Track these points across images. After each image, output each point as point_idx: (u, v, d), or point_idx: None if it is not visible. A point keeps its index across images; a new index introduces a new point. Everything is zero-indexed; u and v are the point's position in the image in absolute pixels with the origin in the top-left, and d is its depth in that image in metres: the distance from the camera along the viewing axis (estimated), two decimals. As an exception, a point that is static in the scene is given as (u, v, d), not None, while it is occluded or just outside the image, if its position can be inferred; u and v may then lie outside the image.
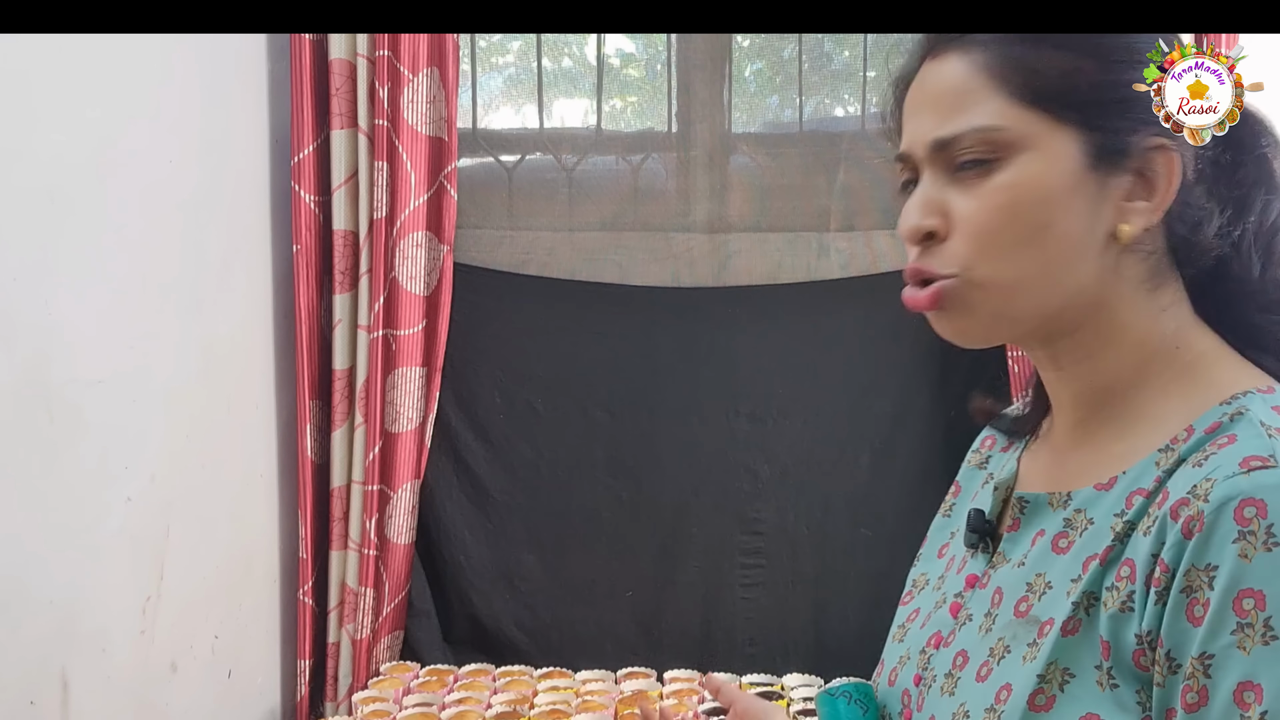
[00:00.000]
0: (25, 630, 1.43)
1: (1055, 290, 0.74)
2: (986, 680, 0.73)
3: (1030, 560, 0.77)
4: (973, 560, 0.83)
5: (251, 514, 2.05)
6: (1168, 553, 0.65)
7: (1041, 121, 0.73)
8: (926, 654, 0.82)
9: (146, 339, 1.70)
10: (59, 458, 1.50)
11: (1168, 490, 0.69)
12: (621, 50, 2.34)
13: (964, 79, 0.75)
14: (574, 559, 2.23)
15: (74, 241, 1.53)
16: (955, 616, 0.81)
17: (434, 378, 2.17)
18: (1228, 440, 0.68)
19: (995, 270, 0.74)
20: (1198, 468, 0.68)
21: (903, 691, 0.82)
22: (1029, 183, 0.73)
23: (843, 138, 2.25)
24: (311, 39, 2.07)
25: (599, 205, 2.27)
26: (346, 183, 2.10)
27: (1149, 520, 0.69)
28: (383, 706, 1.91)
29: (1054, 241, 0.73)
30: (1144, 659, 0.67)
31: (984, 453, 0.94)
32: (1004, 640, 0.74)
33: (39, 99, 1.46)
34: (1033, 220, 0.73)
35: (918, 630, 0.85)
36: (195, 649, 1.84)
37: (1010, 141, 0.73)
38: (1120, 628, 0.68)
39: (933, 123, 0.76)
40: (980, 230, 0.74)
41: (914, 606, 0.89)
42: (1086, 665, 0.69)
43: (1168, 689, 0.65)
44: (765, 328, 2.20)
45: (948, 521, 0.93)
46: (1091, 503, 0.74)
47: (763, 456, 2.20)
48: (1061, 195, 0.73)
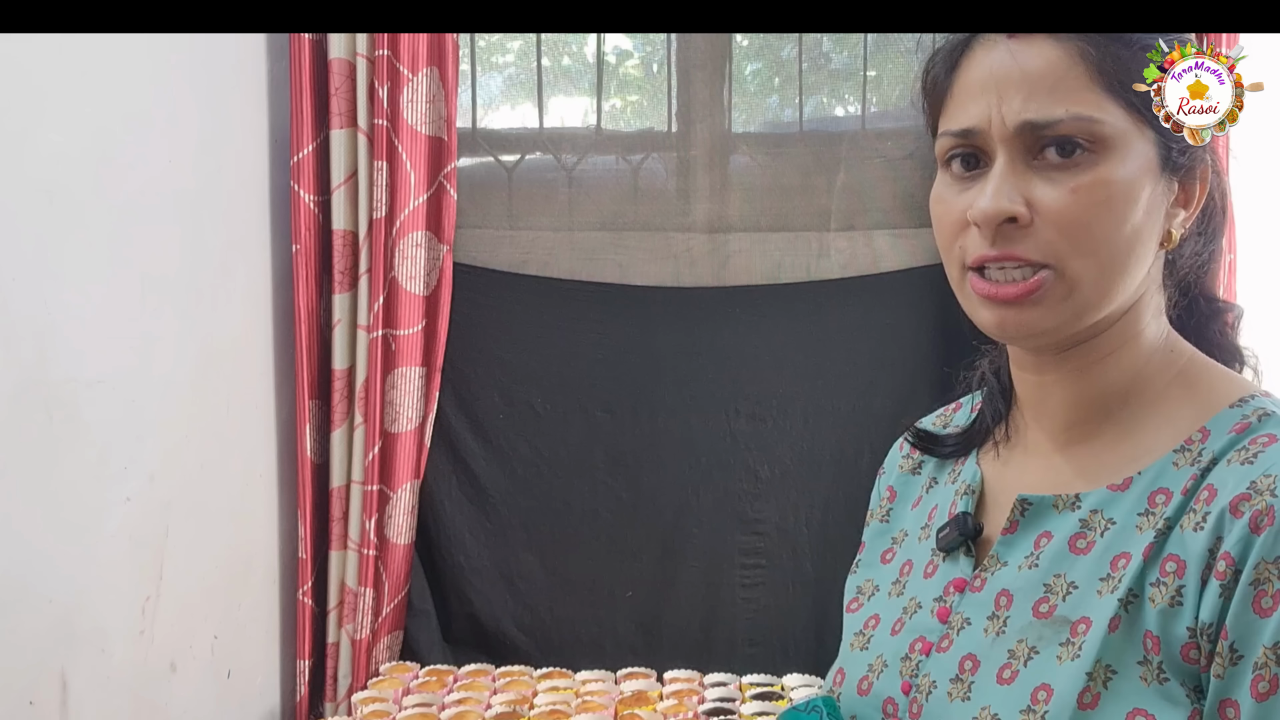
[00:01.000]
0: (24, 630, 1.43)
1: (1127, 289, 0.75)
2: (1014, 682, 0.73)
3: (1044, 562, 0.76)
4: (950, 565, 0.82)
5: (251, 514, 2.05)
6: (1234, 547, 0.66)
7: (1130, 120, 0.73)
8: (912, 661, 0.80)
9: (146, 339, 1.70)
10: (58, 457, 1.50)
11: (1213, 487, 0.70)
12: (621, 50, 2.34)
13: (1061, 65, 0.73)
14: (574, 559, 2.23)
15: (73, 241, 1.52)
16: (946, 621, 0.80)
17: (434, 378, 2.16)
18: (1269, 439, 0.70)
19: (1086, 265, 0.72)
20: (1248, 465, 0.69)
21: (884, 700, 0.81)
22: (1122, 180, 0.72)
23: (843, 138, 2.25)
24: (311, 39, 2.07)
25: (599, 205, 2.27)
26: (346, 182, 2.10)
27: (1195, 516, 0.70)
28: (382, 707, 1.91)
29: (1136, 241, 0.73)
30: (1193, 653, 0.68)
31: (915, 457, 0.94)
32: (1026, 641, 0.74)
33: (39, 99, 1.46)
34: (1121, 218, 0.72)
35: (888, 638, 0.84)
36: (194, 649, 1.84)
37: (1106, 136, 0.72)
38: (1170, 622, 0.69)
39: (1022, 103, 0.72)
40: (1074, 222, 0.72)
41: (869, 613, 0.87)
42: (1129, 662, 0.69)
43: (1228, 680, 0.66)
44: (765, 328, 2.20)
45: (886, 527, 0.93)
46: (1108, 504, 0.75)
47: (763, 456, 2.19)
48: (1144, 196, 0.73)
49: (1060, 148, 0.72)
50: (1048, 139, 0.72)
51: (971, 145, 0.76)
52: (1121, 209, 0.72)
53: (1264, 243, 2.05)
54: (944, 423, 0.95)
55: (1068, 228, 0.72)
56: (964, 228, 0.76)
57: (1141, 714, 0.68)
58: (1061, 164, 0.72)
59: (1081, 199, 0.72)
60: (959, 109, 0.77)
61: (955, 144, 0.77)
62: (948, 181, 0.78)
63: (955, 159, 0.77)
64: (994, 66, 0.74)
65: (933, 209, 0.80)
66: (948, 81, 0.78)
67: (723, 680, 2.04)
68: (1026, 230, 0.73)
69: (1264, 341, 2.22)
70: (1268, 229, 2.06)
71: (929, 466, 0.93)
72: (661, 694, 1.97)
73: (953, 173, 0.78)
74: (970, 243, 0.75)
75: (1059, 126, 0.72)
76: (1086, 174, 0.72)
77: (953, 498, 0.87)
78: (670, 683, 2.03)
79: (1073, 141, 0.72)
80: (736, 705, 1.93)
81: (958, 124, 0.76)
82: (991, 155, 0.75)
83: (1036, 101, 0.72)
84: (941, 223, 0.78)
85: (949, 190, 0.78)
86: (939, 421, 0.96)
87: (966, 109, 0.76)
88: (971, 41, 0.77)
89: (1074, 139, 0.72)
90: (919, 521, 0.90)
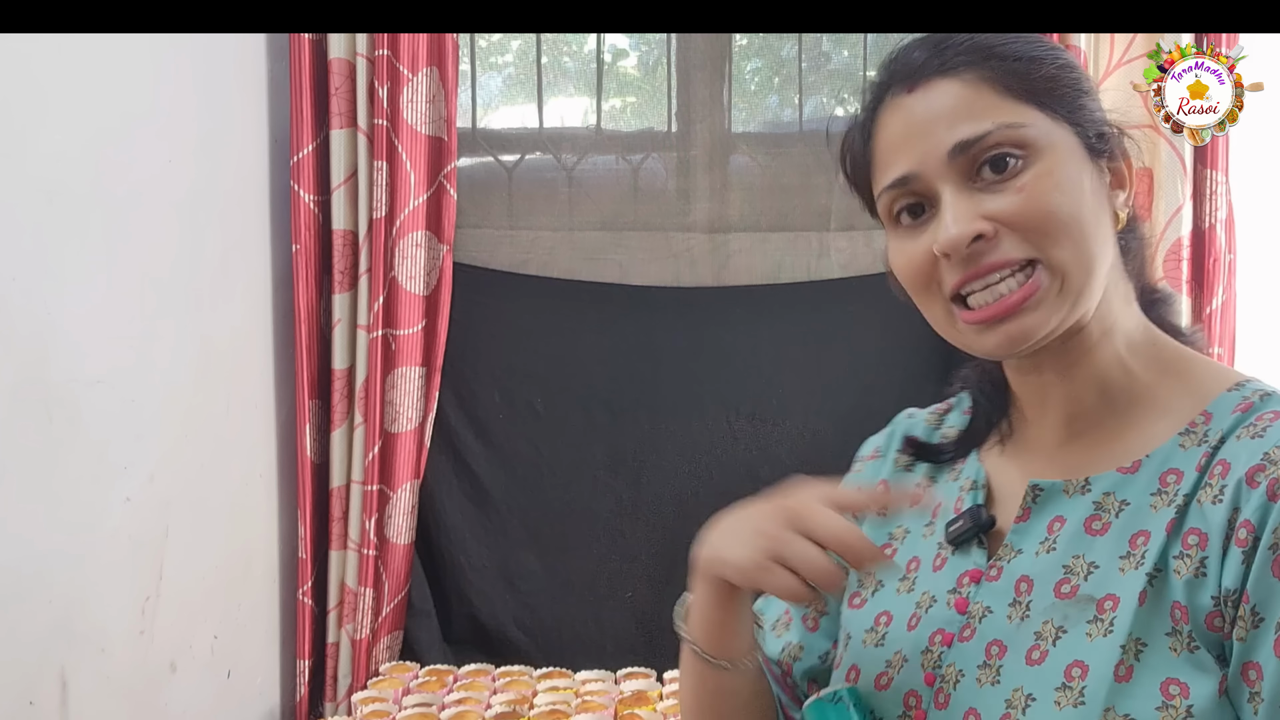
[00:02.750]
0: (24, 630, 1.43)
1: (1103, 270, 0.78)
2: (1044, 662, 0.75)
3: (1061, 545, 0.78)
4: (961, 558, 0.84)
5: (251, 514, 2.05)
6: (1253, 515, 0.69)
7: (1046, 119, 0.77)
8: (934, 653, 0.81)
9: (146, 339, 1.70)
10: (58, 457, 1.50)
11: (1226, 461, 0.73)
12: (621, 50, 2.34)
13: (968, 93, 0.77)
14: (574, 559, 2.23)
15: (73, 241, 1.52)
16: (965, 612, 0.81)
17: (433, 377, 2.16)
18: (1274, 416, 0.74)
19: (1065, 249, 0.75)
20: (1258, 439, 0.73)
21: (906, 694, 0.82)
22: (1058, 172, 0.76)
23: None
24: (311, 39, 2.07)
25: (599, 205, 2.27)
26: (346, 182, 2.10)
27: (1212, 490, 0.73)
28: (382, 707, 1.91)
29: (1095, 221, 0.77)
30: (1217, 621, 0.70)
31: (908, 456, 0.95)
32: (1052, 622, 0.76)
33: (38, 99, 1.46)
34: (1075, 199, 0.76)
35: (905, 633, 0.84)
36: (194, 649, 1.84)
37: (1032, 139, 0.76)
38: (1195, 593, 0.71)
39: (947, 132, 0.76)
40: (1037, 213, 0.75)
41: (878, 610, 0.88)
42: (1157, 633, 0.72)
43: (1250, 643, 0.69)
44: (765, 328, 2.20)
45: (884, 522, 0.94)
46: (1120, 486, 0.78)
47: (763, 456, 2.19)
48: (1084, 182, 0.77)
49: (994, 164, 0.76)
50: (981, 156, 0.76)
51: (913, 192, 0.79)
52: (1072, 192, 0.76)
53: (1264, 243, 2.05)
54: (936, 423, 0.96)
55: (1033, 219, 0.75)
56: (933, 267, 0.78)
57: (1175, 683, 0.70)
58: (999, 178, 0.76)
59: (1033, 193, 0.75)
60: (888, 165, 0.80)
61: (897, 195, 0.80)
62: (900, 236, 0.81)
63: (902, 213, 0.80)
64: (908, 117, 0.79)
65: (895, 266, 0.82)
66: (868, 150, 0.82)
67: (723, 680, 2.04)
68: (995, 241, 0.75)
69: (1264, 341, 2.22)
70: (1268, 229, 2.06)
71: (924, 466, 0.94)
72: (661, 694, 1.97)
73: (902, 227, 0.80)
74: (945, 276, 0.78)
75: (989, 138, 0.75)
76: (1026, 174, 0.75)
77: (958, 494, 0.88)
78: (670, 683, 2.03)
79: (1003, 154, 0.75)
80: (736, 705, 1.92)
81: (892, 176, 0.79)
82: (934, 195, 0.78)
83: (960, 125, 0.76)
84: (908, 272, 0.81)
85: (905, 242, 0.80)
86: (931, 420, 0.97)
87: (896, 161, 0.79)
88: (877, 108, 0.81)
89: (1004, 150, 0.75)
90: (922, 519, 0.90)
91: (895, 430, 0.99)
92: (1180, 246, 1.97)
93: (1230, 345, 2.00)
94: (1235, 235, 1.98)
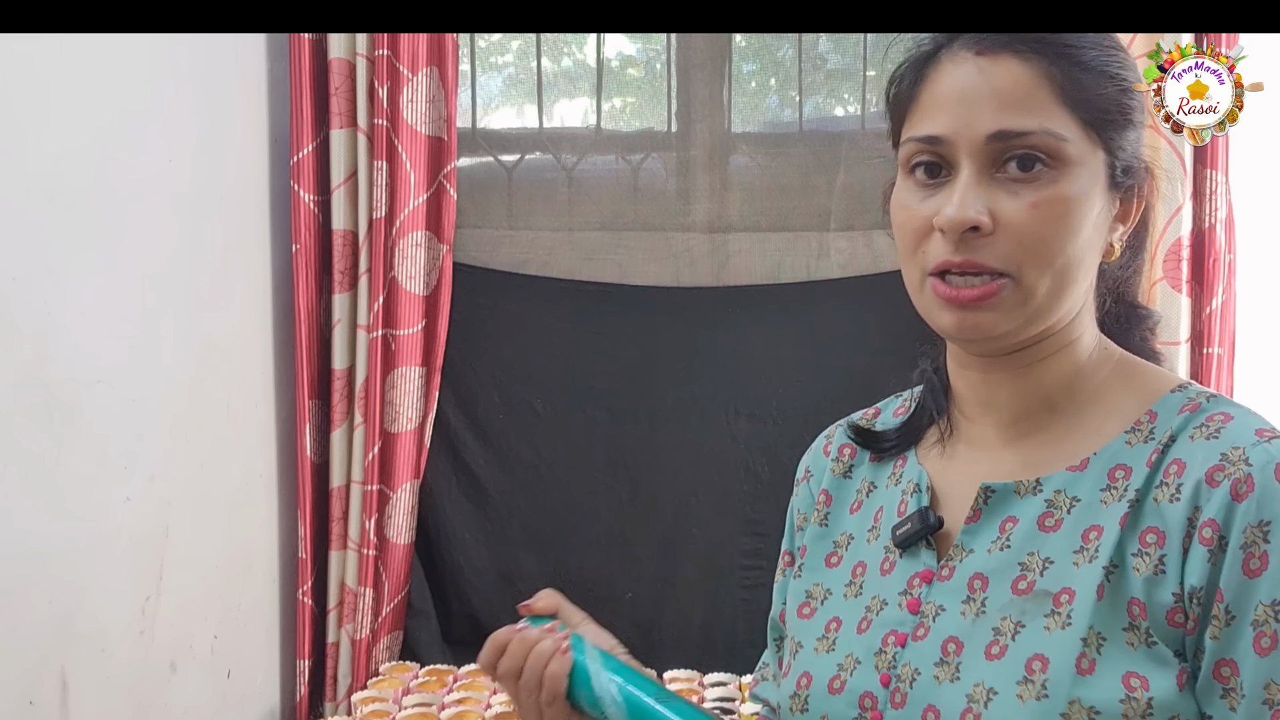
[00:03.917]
0: (25, 630, 1.43)
1: (1074, 298, 0.80)
2: (1004, 656, 0.75)
3: (1016, 542, 0.79)
4: (910, 560, 0.84)
5: (251, 514, 2.05)
6: (1218, 514, 0.71)
7: (1087, 140, 0.77)
8: (887, 653, 0.81)
9: (146, 338, 1.70)
10: (58, 457, 1.50)
11: (1181, 460, 0.75)
12: (621, 50, 2.34)
13: (1029, 83, 0.76)
14: (574, 559, 2.23)
15: (73, 241, 1.52)
16: (917, 612, 0.82)
17: (433, 378, 2.16)
18: (1224, 417, 0.76)
19: (1041, 276, 0.76)
20: (1213, 440, 0.74)
21: (861, 695, 0.82)
22: (1076, 197, 0.76)
23: (842, 138, 2.25)
24: (311, 39, 2.07)
25: (599, 205, 2.27)
26: (346, 182, 2.10)
27: (1168, 489, 0.74)
28: (382, 707, 1.91)
29: (1085, 254, 0.78)
30: (1178, 617, 0.72)
31: (845, 461, 0.95)
32: (1010, 617, 0.77)
33: (40, 98, 1.46)
34: (1075, 232, 0.77)
35: (855, 636, 0.84)
36: (194, 649, 1.84)
37: (1067, 154, 0.76)
38: (1155, 590, 0.73)
39: (993, 115, 0.76)
40: (1033, 235, 0.76)
41: (828, 616, 0.88)
42: (1115, 628, 0.73)
43: (1224, 641, 0.70)
44: (765, 328, 2.20)
45: (826, 531, 0.94)
46: (1070, 484, 0.79)
47: (763, 457, 2.19)
48: (1093, 212, 0.78)
49: (1022, 162, 0.76)
50: (1013, 152, 0.76)
51: (936, 153, 0.79)
52: (1075, 224, 0.77)
53: (1264, 243, 2.05)
54: (868, 424, 0.97)
55: (1027, 239, 0.76)
56: (927, 234, 0.79)
57: (1134, 676, 0.72)
58: (1022, 178, 0.76)
59: (1041, 213, 0.75)
60: (926, 118, 0.79)
61: (920, 150, 0.79)
62: (910, 188, 0.81)
63: (919, 166, 0.80)
64: (963, 80, 0.78)
65: (894, 214, 0.83)
66: (914, 91, 0.81)
67: (723, 680, 2.04)
68: (988, 239, 0.76)
69: (1264, 341, 2.22)
70: (1268, 229, 2.05)
71: (862, 470, 0.94)
72: (661, 694, 1.97)
73: (915, 179, 0.80)
74: (933, 248, 0.78)
75: (1029, 138, 0.75)
76: (1046, 189, 0.76)
77: (900, 497, 0.89)
78: (670, 683, 2.03)
79: (1035, 157, 0.75)
80: (736, 705, 1.93)
81: (925, 130, 0.79)
82: (955, 165, 0.78)
83: (1008, 114, 0.76)
84: (904, 228, 0.81)
85: (912, 197, 0.81)
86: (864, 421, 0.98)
87: (934, 118, 0.79)
88: (939, 54, 0.80)
89: (1037, 153, 0.75)
90: (864, 524, 0.91)
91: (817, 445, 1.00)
92: (1180, 246, 1.97)
93: (1230, 345, 2.00)
94: (1235, 235, 1.98)
